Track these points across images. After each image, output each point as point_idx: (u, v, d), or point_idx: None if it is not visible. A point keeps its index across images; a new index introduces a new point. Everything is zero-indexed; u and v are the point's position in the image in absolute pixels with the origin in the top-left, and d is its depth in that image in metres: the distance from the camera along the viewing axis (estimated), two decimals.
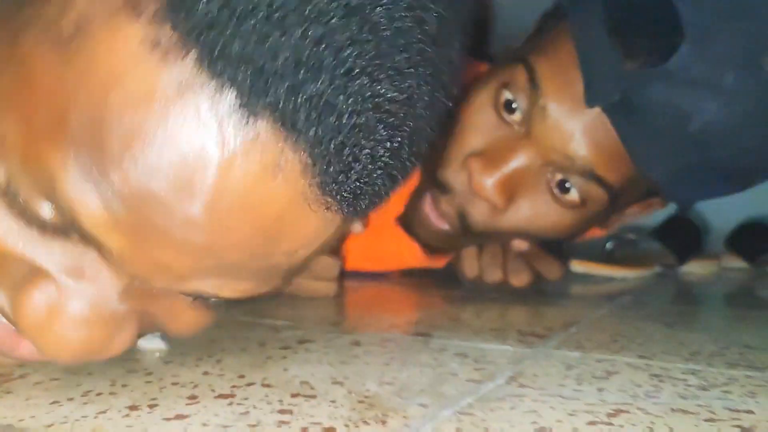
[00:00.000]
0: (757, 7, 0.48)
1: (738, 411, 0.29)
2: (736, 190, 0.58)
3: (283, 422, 0.27)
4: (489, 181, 0.55)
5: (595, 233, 0.79)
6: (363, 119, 0.22)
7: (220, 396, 0.30)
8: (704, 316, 0.55)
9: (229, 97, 0.21)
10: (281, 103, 0.21)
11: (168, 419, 0.27)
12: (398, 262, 0.75)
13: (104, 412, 0.27)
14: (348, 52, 0.21)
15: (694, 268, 0.91)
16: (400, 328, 0.46)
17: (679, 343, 0.43)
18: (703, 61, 0.48)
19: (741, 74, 0.48)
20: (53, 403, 0.28)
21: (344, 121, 0.22)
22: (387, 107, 0.23)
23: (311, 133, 0.22)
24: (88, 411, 0.28)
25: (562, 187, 0.55)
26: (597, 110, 0.52)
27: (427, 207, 0.61)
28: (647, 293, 0.70)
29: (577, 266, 0.81)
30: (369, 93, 0.22)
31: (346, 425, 0.26)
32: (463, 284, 0.69)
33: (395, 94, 0.23)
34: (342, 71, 0.21)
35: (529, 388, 0.32)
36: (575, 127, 0.53)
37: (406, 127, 0.24)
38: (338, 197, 0.24)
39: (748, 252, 0.94)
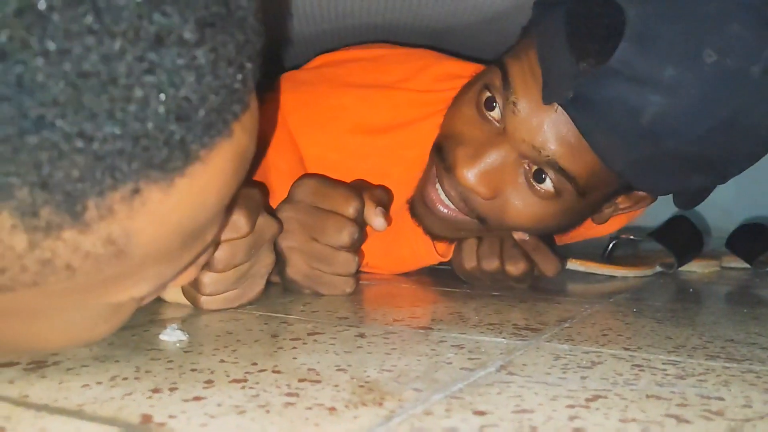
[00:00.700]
0: (694, 8, 0.51)
1: (709, 398, 0.32)
2: (714, 182, 0.60)
3: (289, 404, 0.30)
4: (471, 173, 0.60)
5: (602, 231, 0.82)
6: None
7: (234, 381, 0.33)
8: (695, 313, 0.58)
9: None
10: None
11: (186, 400, 0.30)
12: (416, 262, 0.78)
13: (130, 394, 0.31)
14: None
15: (695, 268, 0.93)
16: (402, 322, 0.49)
17: (665, 337, 0.46)
18: (643, 57, 0.51)
19: (679, 68, 0.51)
20: (84, 386, 0.32)
21: None
22: None
23: None
24: (115, 393, 0.31)
25: (539, 177, 0.59)
26: (559, 109, 0.56)
27: (432, 191, 0.64)
28: (644, 291, 0.72)
29: (574, 264, 0.83)
30: None
31: (347, 406, 0.29)
32: (464, 282, 0.72)
33: None
34: None
35: (517, 375, 0.35)
36: (540, 122, 0.57)
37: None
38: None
39: (748, 252, 0.96)
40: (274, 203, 0.60)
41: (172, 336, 0.42)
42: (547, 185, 0.59)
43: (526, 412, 0.29)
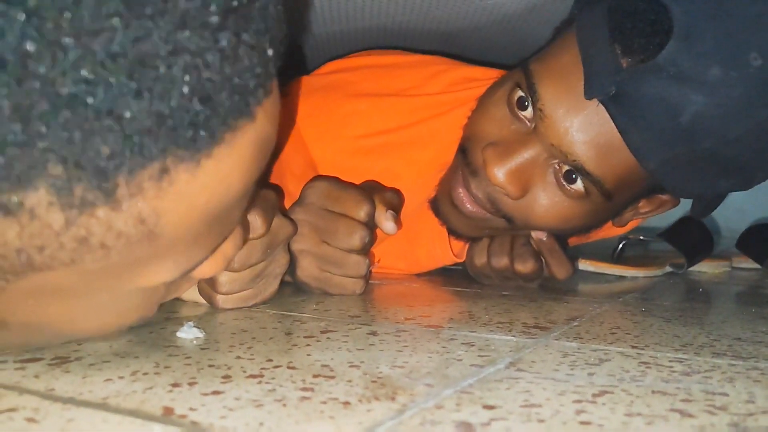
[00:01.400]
0: (741, 9, 0.52)
1: (713, 394, 0.33)
2: (738, 187, 0.61)
3: (305, 398, 0.31)
4: (500, 171, 0.60)
5: (614, 232, 0.82)
6: None
7: (251, 376, 0.34)
8: (703, 312, 0.58)
9: None
10: None
11: (206, 394, 0.31)
12: (433, 262, 0.78)
13: (151, 388, 0.32)
14: None
15: (705, 268, 0.93)
16: (414, 321, 0.50)
17: (673, 336, 0.46)
18: (689, 56, 0.52)
19: (725, 69, 0.52)
20: (106, 380, 0.33)
21: None
22: None
23: None
24: (136, 387, 0.32)
25: (569, 177, 0.60)
26: (590, 110, 0.56)
27: (460, 190, 0.65)
28: (654, 291, 0.73)
29: (584, 265, 0.84)
30: None
31: (360, 401, 0.30)
32: (475, 282, 0.73)
33: None
34: None
35: (526, 372, 0.36)
36: (568, 127, 0.57)
37: None
38: None
39: (758, 253, 0.96)
40: (288, 205, 0.61)
41: (189, 333, 0.43)
42: (578, 186, 0.60)
43: (534, 406, 0.30)
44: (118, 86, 0.24)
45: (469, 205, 0.65)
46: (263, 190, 0.51)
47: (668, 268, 0.88)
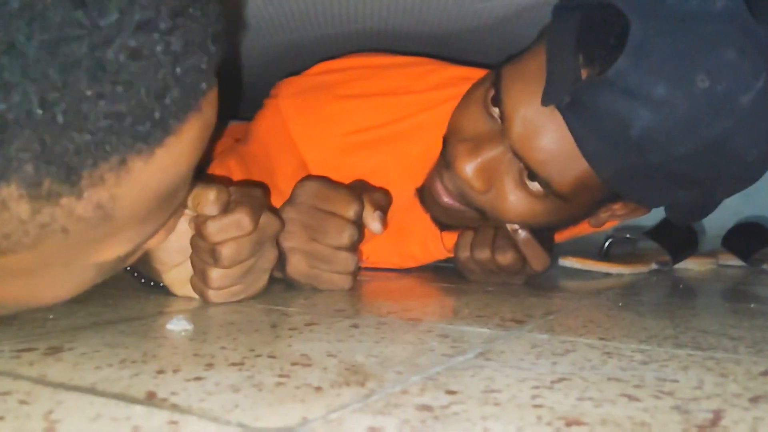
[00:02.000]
0: (699, 27, 0.53)
1: (665, 380, 0.35)
2: (702, 200, 0.62)
3: (280, 383, 0.33)
4: (468, 167, 0.63)
5: (596, 228, 0.84)
6: None
7: (232, 364, 0.36)
8: (677, 306, 0.60)
9: None
10: None
11: (188, 380, 0.33)
12: (426, 257, 0.81)
13: (137, 374, 0.34)
14: None
15: (691, 266, 0.95)
16: (395, 314, 0.52)
17: (641, 329, 0.48)
18: (637, 71, 0.53)
19: (670, 87, 0.53)
20: (96, 368, 0.35)
21: None
22: None
23: None
24: (123, 373, 0.34)
25: (532, 176, 0.62)
26: (547, 116, 0.58)
27: (437, 182, 0.68)
28: (636, 288, 0.75)
29: (571, 262, 0.86)
30: None
31: (331, 386, 0.32)
32: (463, 278, 0.75)
33: None
34: None
35: (493, 361, 0.38)
36: (525, 131, 0.60)
37: None
38: None
39: (743, 250, 0.98)
40: (279, 203, 0.63)
41: (177, 325, 0.45)
42: (536, 186, 0.62)
43: (494, 391, 0.32)
44: (83, 90, 0.27)
45: (445, 198, 0.67)
46: (250, 188, 0.54)
47: (654, 266, 0.90)
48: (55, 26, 0.26)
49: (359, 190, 0.64)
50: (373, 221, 0.62)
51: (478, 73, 0.78)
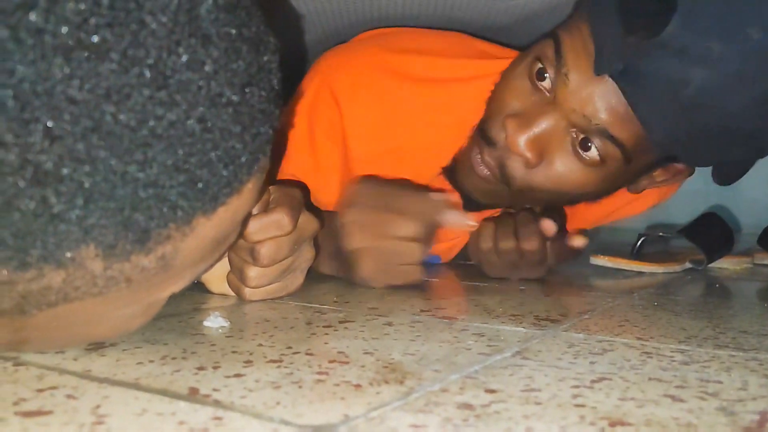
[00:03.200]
0: None
1: (708, 381, 0.34)
2: (752, 156, 0.63)
3: (319, 381, 0.33)
4: (521, 139, 0.63)
5: (634, 209, 0.84)
6: None
7: (271, 361, 0.36)
8: (715, 306, 0.59)
9: None
10: None
11: (228, 377, 0.33)
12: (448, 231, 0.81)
13: (178, 371, 0.34)
14: None
15: (726, 265, 0.93)
16: (429, 313, 0.52)
17: (680, 329, 0.48)
18: (690, 31, 0.54)
19: (725, 43, 0.54)
20: (138, 363, 0.35)
21: None
22: None
23: None
24: (165, 370, 0.34)
25: (585, 145, 0.62)
26: (605, 82, 0.59)
27: (474, 156, 0.68)
28: (670, 287, 0.74)
29: (598, 260, 0.85)
30: None
31: (371, 384, 0.33)
32: (492, 278, 0.74)
33: None
34: None
35: (531, 360, 0.38)
36: (591, 93, 0.60)
37: None
38: None
39: None
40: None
41: (214, 323, 0.45)
42: (593, 153, 0.62)
43: (534, 390, 0.32)
44: (162, 162, 0.28)
45: (482, 169, 0.67)
46: (289, 187, 0.54)
47: (688, 265, 0.89)
48: (138, 107, 0.27)
49: (411, 187, 0.65)
50: (456, 216, 0.63)
51: (505, 51, 0.79)
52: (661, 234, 0.94)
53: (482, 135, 0.68)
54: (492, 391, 0.32)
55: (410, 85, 0.76)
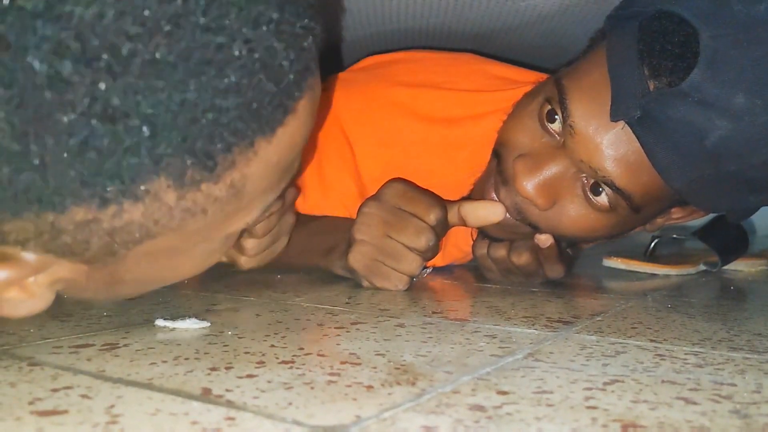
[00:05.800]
0: (767, 33, 0.52)
1: (722, 384, 0.34)
2: (766, 202, 0.61)
3: (331, 382, 0.33)
4: (530, 184, 0.61)
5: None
6: None
7: (283, 362, 0.37)
8: (729, 309, 0.59)
9: None
10: None
11: (241, 377, 0.34)
12: (461, 256, 0.81)
13: (191, 371, 0.34)
14: None
15: (741, 267, 0.93)
16: (440, 314, 0.52)
17: (693, 331, 0.47)
18: (714, 83, 0.52)
19: (749, 97, 0.52)
20: (151, 364, 0.36)
21: None
22: None
23: None
24: (178, 370, 0.35)
25: (596, 191, 0.61)
26: (619, 127, 0.57)
27: (491, 194, 0.67)
28: (684, 289, 0.73)
29: (611, 262, 0.85)
30: None
31: (382, 385, 0.33)
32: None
33: None
34: None
35: (543, 362, 0.38)
36: (598, 144, 0.58)
37: None
38: None
39: None
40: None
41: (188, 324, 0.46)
42: (603, 199, 0.61)
43: (546, 392, 0.32)
44: (215, 86, 0.29)
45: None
46: None
47: (702, 267, 0.89)
48: (188, 35, 0.28)
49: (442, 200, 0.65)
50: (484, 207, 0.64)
51: (523, 75, 0.78)
52: (674, 236, 0.93)
53: (498, 171, 0.66)
54: (504, 393, 0.32)
55: (423, 125, 0.75)
